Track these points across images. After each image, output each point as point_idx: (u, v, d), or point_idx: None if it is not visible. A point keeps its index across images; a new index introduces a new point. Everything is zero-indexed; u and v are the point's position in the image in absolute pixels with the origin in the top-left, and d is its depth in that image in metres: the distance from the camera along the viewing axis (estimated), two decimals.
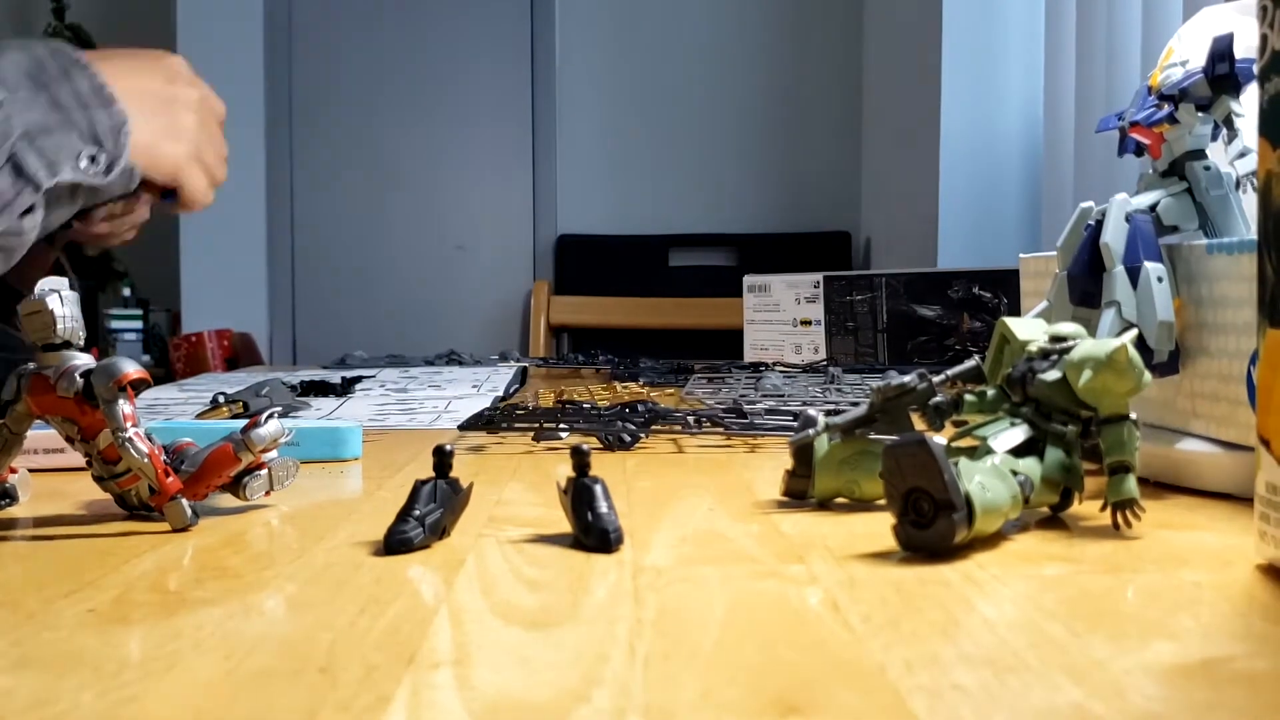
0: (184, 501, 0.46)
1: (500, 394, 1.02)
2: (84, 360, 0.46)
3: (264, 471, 0.49)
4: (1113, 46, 1.79)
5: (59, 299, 0.45)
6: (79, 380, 0.45)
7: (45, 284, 0.45)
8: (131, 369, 0.45)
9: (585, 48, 2.99)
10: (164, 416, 0.84)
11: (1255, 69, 0.38)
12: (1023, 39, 2.20)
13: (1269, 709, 0.26)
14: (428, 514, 0.42)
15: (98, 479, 0.48)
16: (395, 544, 0.41)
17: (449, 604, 0.35)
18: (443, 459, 0.43)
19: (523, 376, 1.25)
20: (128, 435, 0.45)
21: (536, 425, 0.73)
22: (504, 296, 3.01)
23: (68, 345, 0.46)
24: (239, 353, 2.83)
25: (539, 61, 3.00)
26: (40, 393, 0.46)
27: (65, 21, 2.98)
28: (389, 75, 2.99)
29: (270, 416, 0.48)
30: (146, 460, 0.45)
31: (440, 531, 0.43)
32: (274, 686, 0.27)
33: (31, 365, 0.46)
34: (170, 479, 0.46)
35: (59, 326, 0.45)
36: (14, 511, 0.50)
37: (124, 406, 0.45)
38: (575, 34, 2.99)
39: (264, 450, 0.48)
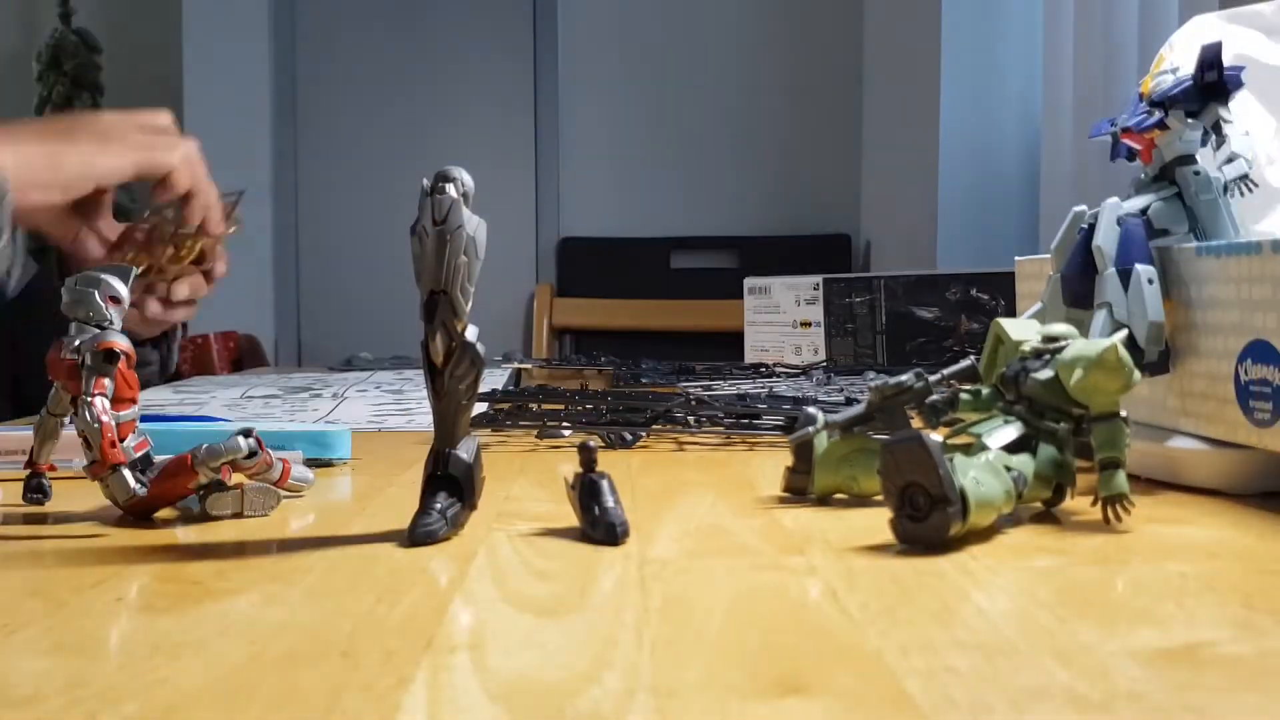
0: (127, 472, 0.45)
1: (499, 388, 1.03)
2: (96, 333, 0.47)
3: (234, 492, 0.48)
4: (1110, 52, 1.80)
5: (103, 286, 0.47)
6: (78, 344, 0.46)
7: (99, 272, 0.47)
8: (120, 340, 0.46)
9: (588, 51, 3.00)
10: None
11: None
12: (1021, 44, 2.22)
13: (1245, 687, 0.27)
14: (448, 508, 0.43)
15: (86, 468, 0.47)
16: (420, 536, 0.42)
17: (463, 593, 0.36)
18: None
19: (518, 379, 1.24)
20: (89, 398, 0.45)
21: (540, 423, 0.75)
22: (507, 299, 3.02)
23: (100, 327, 0.47)
24: (244, 355, 2.84)
25: (542, 64, 3.01)
26: (54, 354, 0.47)
27: (72, 27, 2.99)
28: (393, 78, 3.00)
29: (238, 434, 0.47)
30: (96, 426, 0.45)
31: (457, 525, 0.44)
32: (299, 669, 0.29)
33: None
34: (114, 449, 0.45)
35: (92, 311, 0.47)
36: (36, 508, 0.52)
37: (101, 376, 0.45)
38: (578, 37, 3.00)
39: (222, 467, 0.47)
